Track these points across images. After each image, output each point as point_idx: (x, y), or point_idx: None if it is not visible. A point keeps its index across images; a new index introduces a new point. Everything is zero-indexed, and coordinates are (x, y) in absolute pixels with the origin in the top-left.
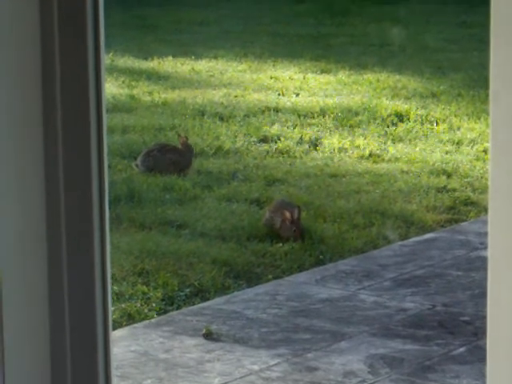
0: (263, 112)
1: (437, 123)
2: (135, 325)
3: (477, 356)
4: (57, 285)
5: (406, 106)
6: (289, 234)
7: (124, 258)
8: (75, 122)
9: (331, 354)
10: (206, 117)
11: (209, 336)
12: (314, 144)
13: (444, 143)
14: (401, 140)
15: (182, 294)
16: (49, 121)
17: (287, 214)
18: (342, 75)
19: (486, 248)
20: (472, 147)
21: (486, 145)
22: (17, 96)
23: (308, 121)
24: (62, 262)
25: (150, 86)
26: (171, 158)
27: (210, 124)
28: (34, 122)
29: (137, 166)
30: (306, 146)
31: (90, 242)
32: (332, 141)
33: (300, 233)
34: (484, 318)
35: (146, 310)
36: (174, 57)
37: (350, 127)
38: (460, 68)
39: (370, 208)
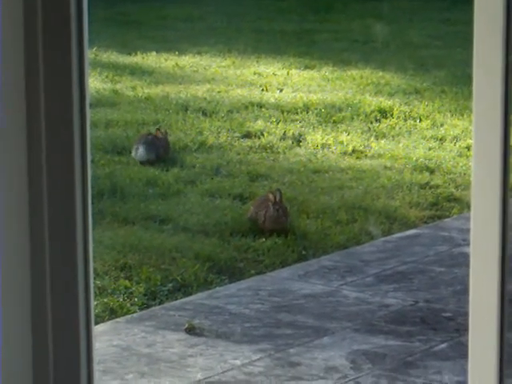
0: (247, 107)
1: (420, 120)
2: (117, 319)
3: (459, 352)
4: (39, 279)
5: (390, 103)
6: (274, 218)
7: (107, 252)
8: (59, 117)
9: (313, 350)
10: (189, 112)
11: (191, 331)
12: (298, 140)
13: (427, 140)
14: (384, 136)
15: (164, 288)
16: (32, 116)
17: (270, 196)
18: (326, 71)
19: (468, 244)
20: (455, 144)
21: (469, 141)
22: (0, 91)
23: (291, 116)
24: (45, 257)
25: (133, 80)
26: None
27: (194, 119)
28: (18, 116)
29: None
30: (290, 142)
31: (72, 237)
32: (315, 137)
33: (285, 216)
34: (466, 314)
35: (128, 305)
36: (157, 52)
37: (333, 123)
38: (443, 65)
39: (353, 204)
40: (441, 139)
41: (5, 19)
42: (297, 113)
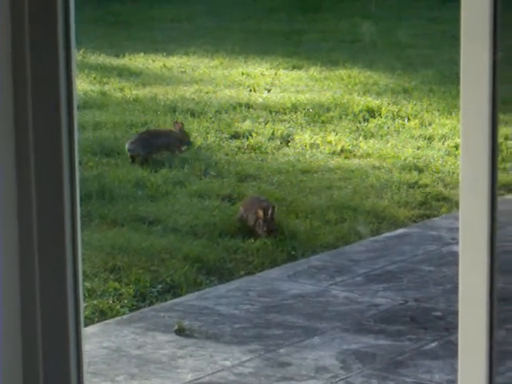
0: (235, 108)
1: (408, 119)
2: (107, 321)
3: (448, 351)
4: (29, 282)
5: (378, 102)
6: (262, 232)
7: (96, 254)
8: (46, 119)
9: (303, 350)
10: (177, 113)
11: (181, 332)
12: (286, 140)
13: (415, 139)
14: (372, 136)
15: (154, 290)
16: (20, 118)
17: (260, 213)
18: (314, 71)
19: (457, 243)
20: (443, 143)
21: (457, 140)
22: None
23: (279, 117)
24: (34, 259)
25: (121, 82)
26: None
27: (182, 120)
28: (5, 119)
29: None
30: (278, 142)
31: (61, 239)
32: (304, 137)
33: (273, 231)
34: (456, 313)
35: (117, 307)
36: (145, 53)
37: (321, 123)
38: (431, 64)
39: (341, 204)
40: (429, 138)
41: None
42: (285, 113)
